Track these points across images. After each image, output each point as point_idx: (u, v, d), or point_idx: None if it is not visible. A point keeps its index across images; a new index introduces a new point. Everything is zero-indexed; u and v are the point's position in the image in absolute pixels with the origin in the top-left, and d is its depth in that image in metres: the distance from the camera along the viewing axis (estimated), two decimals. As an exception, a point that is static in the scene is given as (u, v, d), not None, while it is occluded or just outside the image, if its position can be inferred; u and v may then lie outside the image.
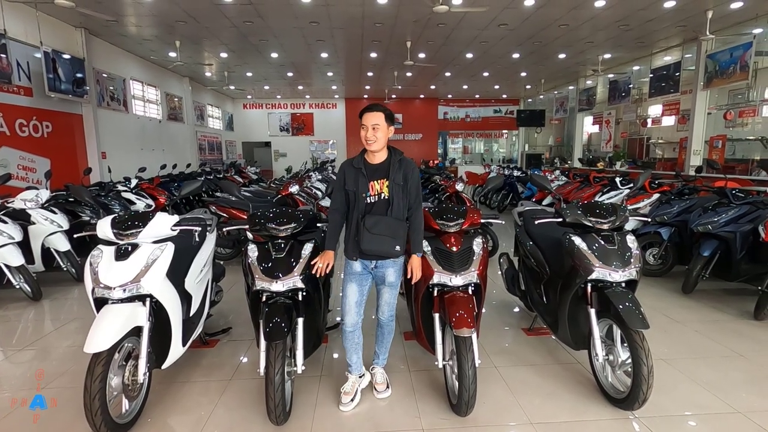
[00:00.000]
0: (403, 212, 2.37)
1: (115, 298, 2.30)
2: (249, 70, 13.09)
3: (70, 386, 2.77)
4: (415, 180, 2.40)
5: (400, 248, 2.31)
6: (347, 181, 2.39)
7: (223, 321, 3.82)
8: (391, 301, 2.52)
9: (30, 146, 7.17)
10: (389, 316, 2.56)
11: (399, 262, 2.46)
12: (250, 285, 2.50)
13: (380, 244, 2.28)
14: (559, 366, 2.99)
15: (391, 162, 2.38)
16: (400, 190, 2.35)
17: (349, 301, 2.47)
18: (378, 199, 2.35)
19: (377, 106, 2.37)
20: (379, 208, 2.34)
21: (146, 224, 2.50)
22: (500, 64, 12.49)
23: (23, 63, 7.08)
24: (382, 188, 2.34)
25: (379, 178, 2.35)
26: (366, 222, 2.29)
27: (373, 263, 2.42)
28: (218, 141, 17.12)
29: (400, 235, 2.31)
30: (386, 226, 2.29)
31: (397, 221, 2.33)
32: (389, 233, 2.28)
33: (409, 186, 2.38)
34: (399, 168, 2.37)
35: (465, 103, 20.10)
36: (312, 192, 7.14)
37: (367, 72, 13.53)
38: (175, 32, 9.04)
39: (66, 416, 2.46)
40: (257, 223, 2.58)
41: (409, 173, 2.38)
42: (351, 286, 2.46)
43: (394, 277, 2.44)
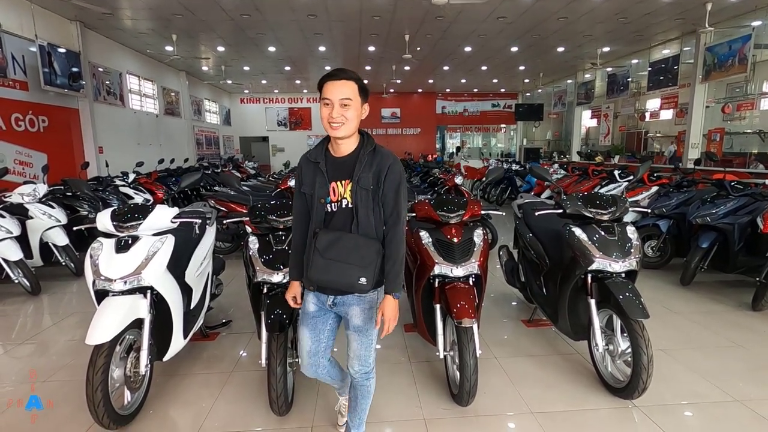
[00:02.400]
0: (375, 227, 1.68)
1: (116, 291, 2.30)
2: (246, 64, 13.01)
3: (70, 379, 2.78)
4: (394, 182, 1.66)
5: (366, 281, 1.62)
6: (304, 181, 1.74)
7: (223, 314, 3.82)
8: (361, 353, 1.79)
9: (26, 141, 7.12)
10: (363, 374, 1.83)
11: (367, 300, 1.73)
12: (251, 277, 2.50)
13: (337, 273, 1.63)
14: (558, 356, 3.00)
15: (359, 155, 1.67)
16: (368, 196, 1.65)
17: (303, 348, 1.84)
18: (339, 207, 1.68)
19: (345, 72, 1.62)
20: (339, 220, 1.68)
21: (146, 216, 2.49)
22: (498, 57, 12.45)
23: (18, 57, 7.01)
24: (345, 192, 1.66)
25: (343, 177, 1.67)
26: (318, 241, 1.65)
27: (330, 298, 1.75)
28: (215, 136, 17.05)
29: (367, 262, 1.63)
30: (346, 248, 1.62)
31: (365, 241, 1.65)
32: (351, 258, 1.62)
33: (384, 191, 1.66)
34: (369, 164, 1.66)
35: (463, 98, 20.06)
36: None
37: (365, 66, 13.46)
38: (171, 26, 8.96)
39: (66, 410, 2.46)
40: (258, 215, 2.58)
41: (384, 172, 1.65)
42: (303, 330, 1.83)
43: (360, 319, 1.73)
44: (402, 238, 1.68)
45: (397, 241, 1.68)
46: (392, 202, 1.67)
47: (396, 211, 1.68)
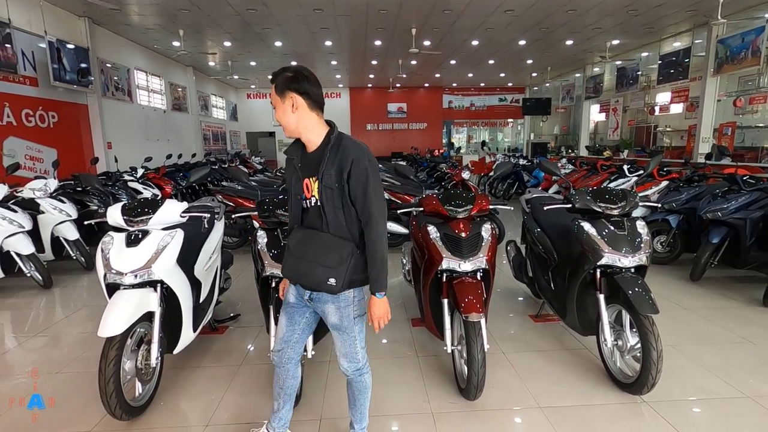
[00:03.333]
0: (347, 227, 1.63)
1: (127, 284, 2.33)
2: (252, 59, 13.02)
3: (82, 371, 2.82)
4: (359, 177, 1.57)
5: (335, 282, 1.59)
6: (286, 178, 1.78)
7: (231, 308, 3.85)
8: (345, 350, 1.78)
9: (36, 136, 7.20)
10: (354, 370, 1.82)
11: (342, 298, 1.69)
12: (259, 271, 2.52)
13: (305, 272, 1.63)
14: (566, 352, 3.00)
15: (324, 150, 1.62)
16: (334, 194, 1.60)
17: (277, 334, 1.88)
18: (310, 204, 1.67)
19: (272, 77, 1.64)
20: (312, 217, 1.67)
21: (156, 211, 2.51)
22: (506, 51, 12.34)
23: (28, 53, 7.07)
24: (314, 189, 1.64)
25: (313, 174, 1.63)
26: (291, 238, 1.69)
27: (307, 293, 1.74)
28: (222, 131, 17.11)
29: (337, 262, 1.59)
30: (316, 248, 1.61)
31: (336, 241, 1.61)
32: (320, 258, 1.59)
33: (351, 188, 1.59)
34: (332, 160, 1.59)
35: (470, 92, 19.93)
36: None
37: (371, 60, 13.42)
38: (178, 21, 8.98)
39: (79, 401, 2.50)
40: (266, 210, 2.59)
41: (348, 168, 1.57)
42: (281, 318, 1.86)
43: (336, 317, 1.71)
44: (378, 237, 1.61)
45: (373, 241, 1.61)
46: (362, 201, 1.60)
47: (367, 210, 1.60)
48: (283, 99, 1.60)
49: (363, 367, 1.86)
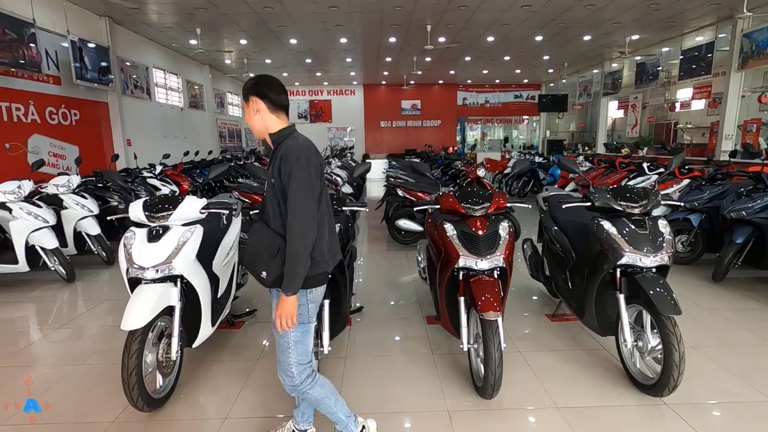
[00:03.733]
0: (282, 222, 1.67)
1: (148, 279, 2.37)
2: (268, 57, 13.10)
3: (104, 363, 2.89)
4: (285, 175, 1.62)
5: (266, 275, 1.66)
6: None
7: (248, 303, 3.90)
8: (279, 357, 1.77)
9: (59, 134, 7.38)
10: (289, 386, 1.79)
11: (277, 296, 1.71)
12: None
13: (250, 262, 1.73)
14: (584, 352, 2.96)
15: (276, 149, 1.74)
16: (273, 189, 1.68)
17: None
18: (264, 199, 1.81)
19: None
20: (264, 212, 1.78)
21: (176, 207, 2.55)
22: (522, 47, 12.18)
23: (51, 52, 7.24)
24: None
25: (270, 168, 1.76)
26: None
27: None
28: (238, 128, 17.29)
29: (269, 256, 1.65)
30: (258, 240, 1.71)
31: (271, 235, 1.68)
32: (260, 251, 1.69)
33: (283, 184, 1.64)
34: (274, 157, 1.70)
35: (485, 89, 19.74)
36: (332, 178, 7.17)
37: (385, 57, 13.38)
38: (195, 19, 9.08)
39: (101, 392, 2.56)
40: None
41: (282, 165, 1.63)
42: None
43: (274, 315, 1.69)
44: (292, 236, 1.59)
45: (288, 239, 1.60)
46: (284, 194, 1.64)
47: (291, 207, 1.60)
48: (248, 103, 1.76)
49: (300, 385, 1.77)
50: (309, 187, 1.61)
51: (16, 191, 4.43)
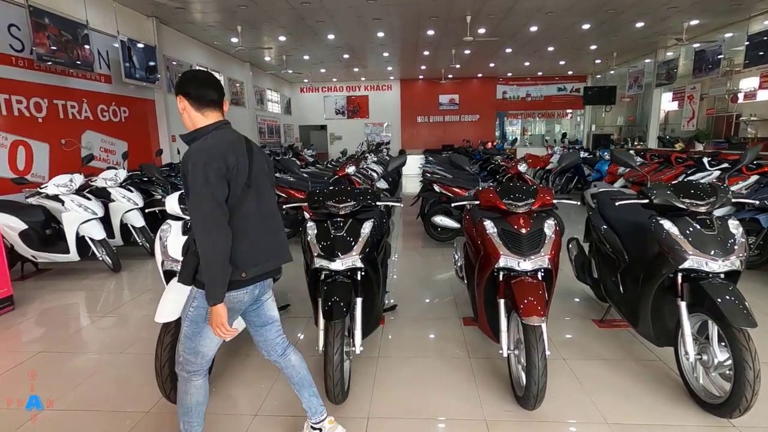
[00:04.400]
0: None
1: (183, 272, 2.38)
2: (306, 53, 13.22)
3: (144, 353, 2.95)
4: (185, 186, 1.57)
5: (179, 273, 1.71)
6: None
7: (281, 298, 3.89)
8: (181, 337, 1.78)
9: (110, 130, 7.74)
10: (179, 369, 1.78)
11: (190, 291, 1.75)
12: (308, 263, 2.49)
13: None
14: (636, 363, 2.72)
15: None
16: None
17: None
18: None
19: None
20: None
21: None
22: (567, 37, 11.61)
23: (103, 52, 7.59)
24: None
25: None
26: None
27: None
28: (277, 125, 17.61)
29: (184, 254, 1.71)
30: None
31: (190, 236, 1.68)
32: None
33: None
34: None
35: (526, 82, 19.06)
36: (368, 173, 7.11)
37: (423, 51, 13.17)
38: (236, 17, 9.27)
39: (140, 380, 2.61)
40: (316, 201, 2.55)
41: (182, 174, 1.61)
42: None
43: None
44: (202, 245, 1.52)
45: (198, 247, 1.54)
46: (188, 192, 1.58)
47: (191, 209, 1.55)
48: (178, 102, 1.69)
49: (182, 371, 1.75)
50: (207, 192, 1.50)
51: (68, 184, 4.65)
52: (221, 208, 1.53)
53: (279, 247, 1.79)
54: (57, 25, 6.27)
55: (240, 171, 1.60)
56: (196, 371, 1.76)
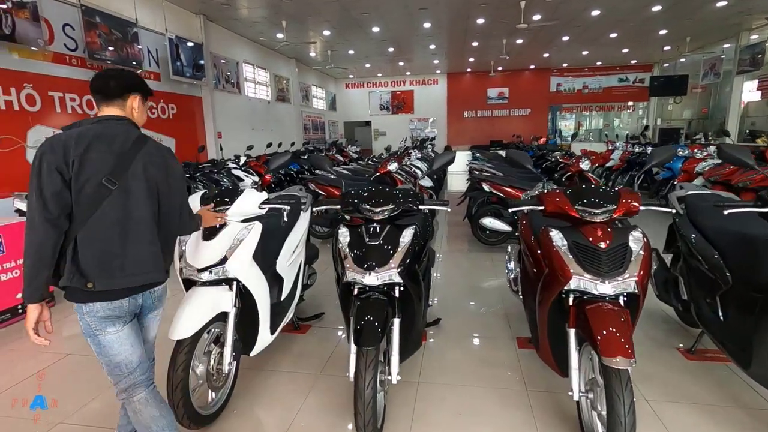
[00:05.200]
0: None
1: (202, 280, 2.14)
2: (351, 48, 13.01)
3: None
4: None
5: None
6: None
7: (315, 305, 3.62)
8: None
9: (159, 127, 7.88)
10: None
11: None
12: (340, 274, 2.16)
13: None
14: (742, 410, 2.17)
15: None
16: None
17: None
18: None
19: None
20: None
21: (233, 201, 2.29)
22: (633, 21, 10.57)
23: (153, 50, 7.73)
24: None
25: None
26: None
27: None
28: (321, 121, 17.62)
29: None
30: None
31: None
32: None
33: None
34: None
35: (583, 73, 17.81)
36: (411, 170, 6.73)
37: (471, 42, 12.55)
38: (281, 12, 9.18)
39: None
40: (349, 203, 2.22)
41: None
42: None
43: None
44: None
45: None
46: None
47: None
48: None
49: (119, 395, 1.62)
50: (33, 185, 1.41)
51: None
52: (40, 202, 1.39)
53: (142, 263, 1.54)
54: (108, 24, 6.39)
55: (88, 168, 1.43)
56: (132, 385, 1.59)
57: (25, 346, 3.09)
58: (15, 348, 3.10)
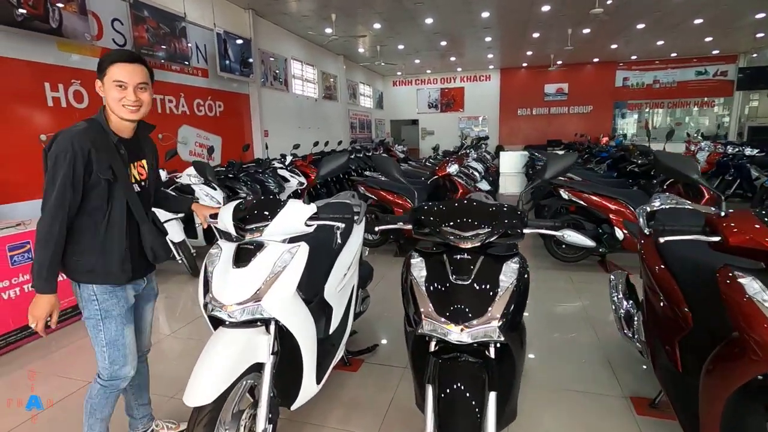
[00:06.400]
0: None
1: (233, 320, 1.63)
2: (401, 42, 12.45)
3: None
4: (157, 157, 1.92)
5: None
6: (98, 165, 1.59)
7: (368, 333, 3.07)
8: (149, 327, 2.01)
9: (205, 124, 7.69)
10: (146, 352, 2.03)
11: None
12: (412, 320, 1.56)
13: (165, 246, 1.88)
14: None
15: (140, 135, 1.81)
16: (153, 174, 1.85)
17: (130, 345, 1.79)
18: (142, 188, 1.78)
19: (135, 55, 1.68)
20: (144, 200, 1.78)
21: (274, 215, 1.76)
22: (725, 3, 9.26)
23: (201, 46, 7.53)
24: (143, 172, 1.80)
25: (137, 158, 1.77)
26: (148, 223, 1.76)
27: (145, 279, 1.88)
28: (368, 119, 17.21)
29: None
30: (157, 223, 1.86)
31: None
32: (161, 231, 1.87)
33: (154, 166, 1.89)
34: (149, 143, 1.87)
35: (654, 65, 16.21)
36: (470, 173, 6.05)
37: (532, 33, 11.60)
38: (330, 5, 8.78)
39: None
40: (427, 221, 1.62)
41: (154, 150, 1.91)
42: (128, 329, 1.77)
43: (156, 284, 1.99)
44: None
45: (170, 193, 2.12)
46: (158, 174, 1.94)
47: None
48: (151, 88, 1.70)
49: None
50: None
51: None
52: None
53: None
54: (156, 18, 6.20)
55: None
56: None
57: (45, 369, 2.77)
58: (37, 369, 2.78)
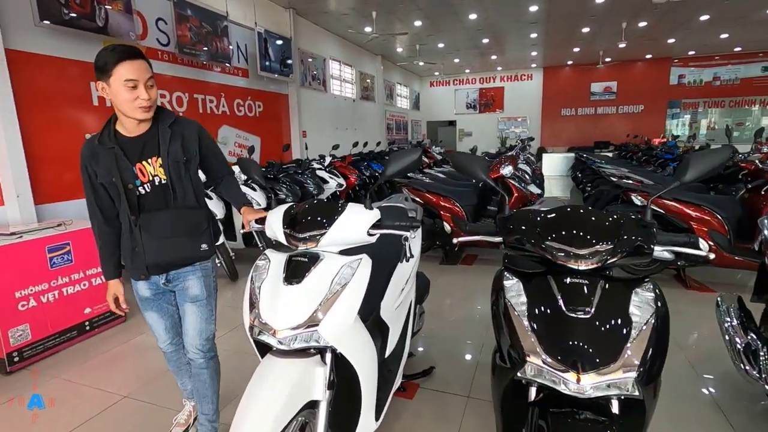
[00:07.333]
0: (196, 196, 1.71)
1: (282, 348, 1.36)
2: (441, 41, 12.07)
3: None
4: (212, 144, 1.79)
5: (207, 246, 1.75)
6: (99, 171, 1.59)
7: (422, 353, 2.75)
8: (202, 326, 1.78)
9: (245, 125, 7.61)
10: (204, 351, 1.81)
11: (202, 268, 1.76)
12: (509, 359, 1.23)
13: (176, 250, 1.68)
14: None
15: (159, 129, 1.62)
16: (181, 167, 1.64)
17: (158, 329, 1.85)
18: (153, 186, 1.63)
19: (139, 51, 1.54)
20: (155, 199, 1.64)
21: (332, 222, 1.48)
22: (806, -11, 8.35)
23: (242, 45, 7.46)
24: (156, 169, 1.62)
25: (150, 155, 1.62)
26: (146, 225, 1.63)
27: (162, 278, 1.73)
28: (405, 120, 16.90)
29: (202, 230, 1.73)
30: (176, 223, 1.66)
31: (191, 212, 1.70)
32: (184, 231, 1.68)
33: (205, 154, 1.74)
34: (176, 136, 1.64)
35: (714, 61, 15.04)
36: (521, 174, 5.63)
37: (582, 28, 10.94)
38: (371, 2, 8.54)
39: None
40: (524, 234, 1.29)
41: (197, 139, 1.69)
42: (150, 315, 1.82)
43: (198, 288, 1.76)
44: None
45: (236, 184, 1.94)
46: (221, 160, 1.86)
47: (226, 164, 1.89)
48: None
49: (213, 348, 1.85)
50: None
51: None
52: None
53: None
54: (198, 17, 6.14)
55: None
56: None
57: (84, 380, 2.61)
58: (71, 379, 2.63)
